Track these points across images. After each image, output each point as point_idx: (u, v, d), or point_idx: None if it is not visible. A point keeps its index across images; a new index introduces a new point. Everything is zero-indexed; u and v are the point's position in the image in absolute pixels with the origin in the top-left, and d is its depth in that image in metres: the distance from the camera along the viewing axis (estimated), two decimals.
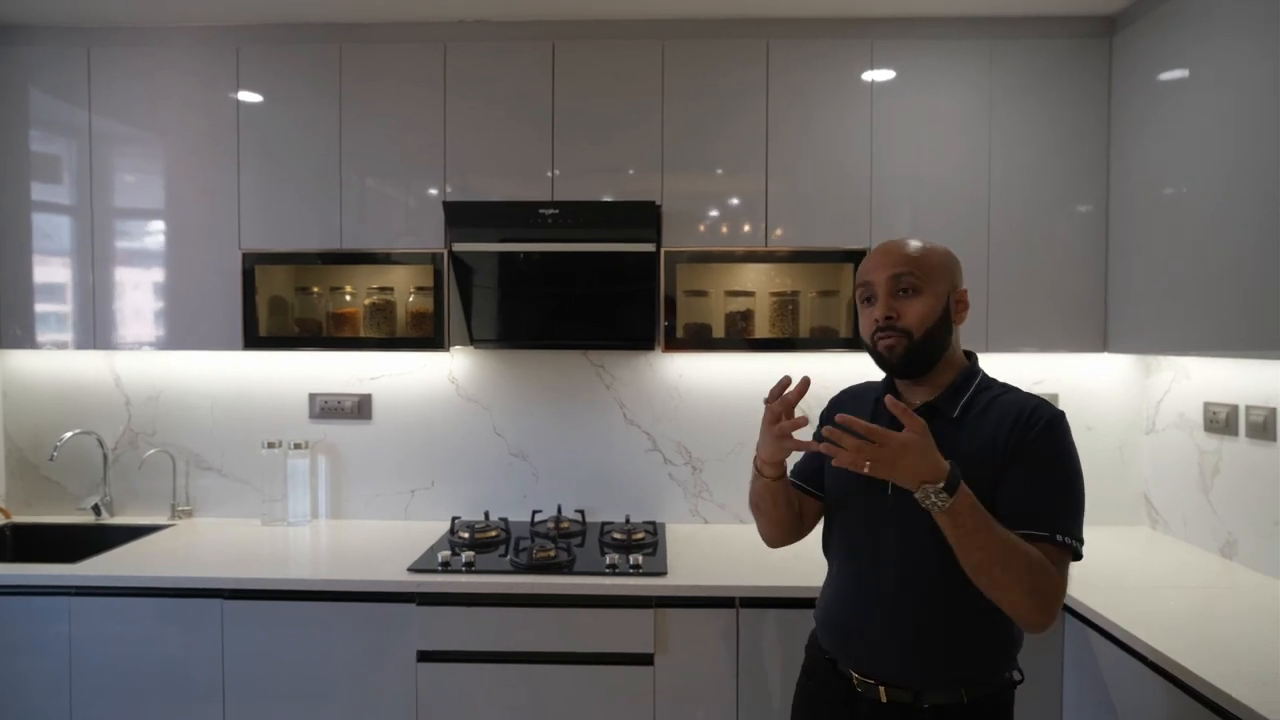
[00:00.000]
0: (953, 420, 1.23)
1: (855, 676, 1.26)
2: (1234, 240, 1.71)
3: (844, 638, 1.29)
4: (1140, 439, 2.39)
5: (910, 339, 1.22)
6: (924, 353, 1.23)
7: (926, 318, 1.22)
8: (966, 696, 1.20)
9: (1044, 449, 1.18)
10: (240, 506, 2.49)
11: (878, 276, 1.25)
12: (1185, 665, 1.38)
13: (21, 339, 2.26)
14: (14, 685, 1.96)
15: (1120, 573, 1.94)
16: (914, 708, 1.20)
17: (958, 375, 1.27)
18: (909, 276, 1.23)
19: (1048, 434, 1.18)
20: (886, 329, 1.23)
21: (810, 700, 1.38)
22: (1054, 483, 1.18)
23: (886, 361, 1.26)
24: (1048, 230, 2.15)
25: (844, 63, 2.15)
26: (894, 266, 1.24)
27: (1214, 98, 1.77)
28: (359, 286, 2.30)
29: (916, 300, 1.22)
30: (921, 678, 1.21)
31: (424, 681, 1.90)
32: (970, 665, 1.21)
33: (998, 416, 1.22)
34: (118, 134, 2.23)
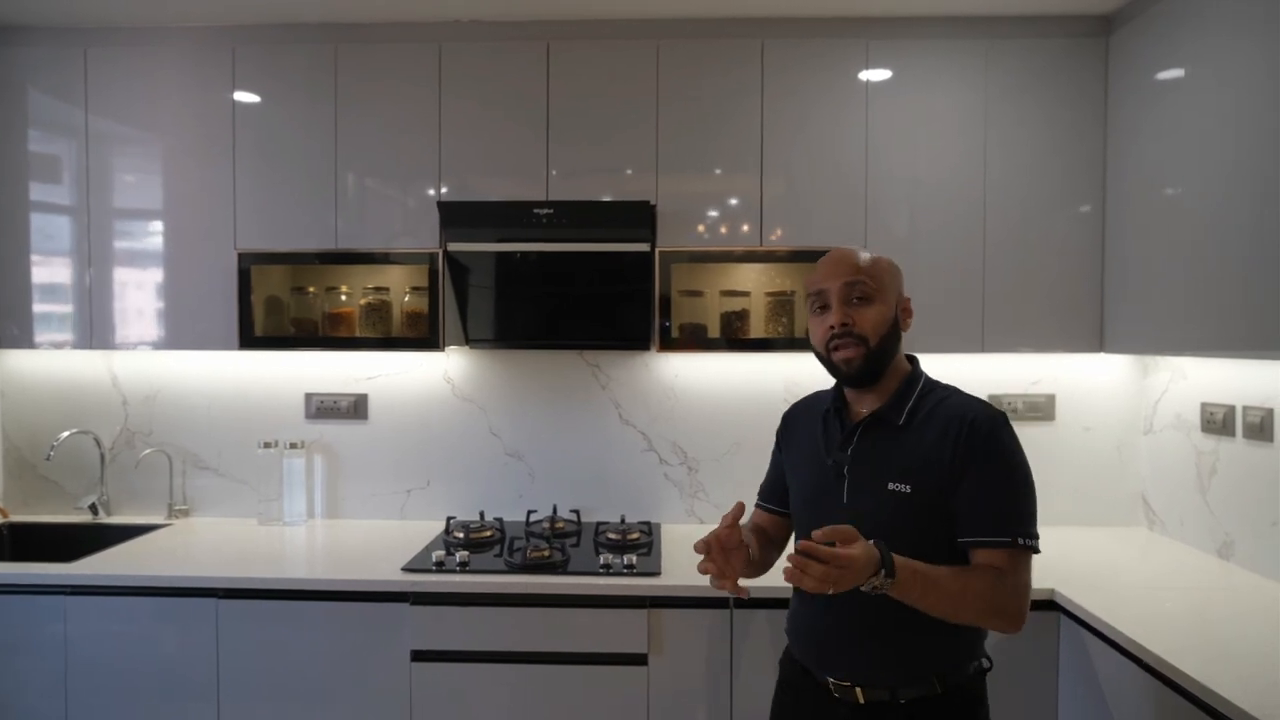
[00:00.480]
0: (899, 428, 1.25)
1: (832, 682, 1.27)
2: (1231, 240, 1.70)
3: (816, 646, 1.30)
4: (1138, 439, 2.38)
5: (867, 347, 1.23)
6: (878, 361, 1.25)
7: (881, 325, 1.24)
8: (940, 687, 1.22)
9: (993, 455, 1.20)
10: (237, 506, 2.49)
11: (832, 284, 1.26)
12: (1180, 668, 1.38)
13: (19, 338, 2.26)
14: (10, 684, 1.96)
15: (1116, 574, 1.94)
16: (891, 705, 1.23)
17: (901, 381, 1.29)
18: (862, 284, 1.24)
19: (994, 440, 1.21)
20: (843, 336, 1.24)
21: (788, 712, 1.39)
22: (1007, 488, 1.20)
23: (842, 373, 1.28)
24: (1044, 230, 2.15)
25: (839, 63, 2.15)
26: (848, 274, 1.25)
27: (1211, 97, 1.77)
28: (355, 286, 2.30)
29: (870, 308, 1.24)
30: (896, 675, 1.23)
31: (418, 681, 1.90)
32: (941, 657, 1.24)
33: (943, 423, 1.23)
34: (115, 134, 2.24)
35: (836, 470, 1.29)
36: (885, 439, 1.24)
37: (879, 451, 1.25)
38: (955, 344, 2.16)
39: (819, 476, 1.31)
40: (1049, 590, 1.81)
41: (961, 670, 1.25)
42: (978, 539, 1.18)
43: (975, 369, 2.39)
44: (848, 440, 1.28)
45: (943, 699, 1.22)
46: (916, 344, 2.12)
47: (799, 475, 1.38)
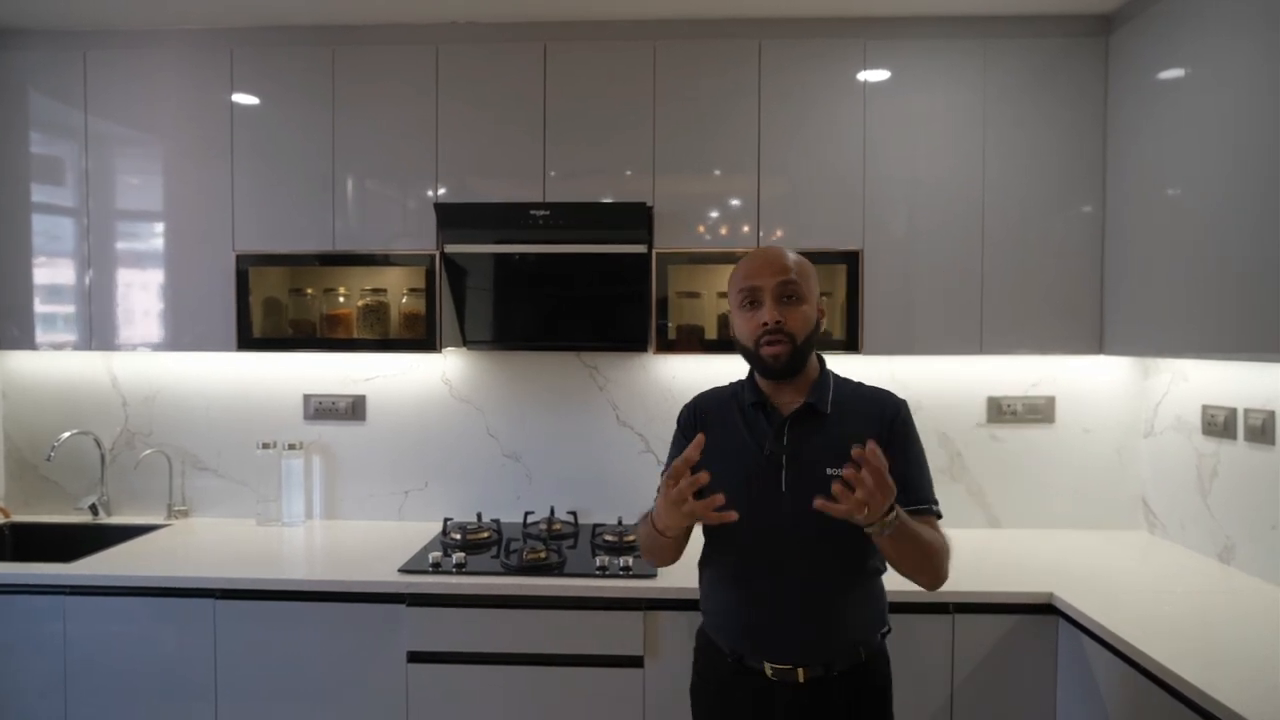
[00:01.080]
0: (826, 417, 1.35)
1: (770, 667, 1.33)
2: (1232, 241, 1.69)
3: (756, 635, 1.35)
4: (1138, 442, 2.36)
5: (794, 344, 1.31)
6: (802, 357, 1.34)
7: (807, 324, 1.33)
8: (864, 655, 1.35)
9: (909, 438, 1.37)
10: (236, 506, 2.50)
11: (766, 282, 1.32)
12: (1179, 673, 1.37)
13: (19, 339, 2.27)
14: (10, 684, 1.97)
15: (1116, 577, 1.92)
16: (827, 678, 1.32)
17: (818, 376, 1.39)
18: (794, 285, 1.31)
19: (908, 424, 1.38)
20: (775, 333, 1.30)
21: (715, 701, 1.42)
22: (917, 465, 1.37)
23: (768, 367, 1.33)
24: (1043, 231, 2.13)
25: (837, 63, 2.14)
26: (781, 274, 1.32)
27: (1211, 97, 1.75)
28: (352, 288, 2.30)
29: (800, 308, 1.32)
30: (831, 651, 1.33)
31: (414, 682, 1.90)
32: (863, 629, 1.36)
33: (864, 412, 1.37)
34: (114, 136, 2.25)
35: (774, 460, 1.34)
36: (816, 429, 1.34)
37: (813, 441, 1.33)
38: (953, 345, 2.15)
39: (752, 467, 1.35)
40: (1047, 594, 1.80)
41: (875, 640, 1.38)
42: (909, 508, 1.28)
43: (974, 371, 2.38)
44: (780, 431, 1.35)
45: (865, 665, 1.35)
46: (910, 345, 2.14)
47: (724, 466, 1.30)
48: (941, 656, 1.83)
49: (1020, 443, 2.39)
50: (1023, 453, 2.39)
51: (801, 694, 1.32)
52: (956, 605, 1.83)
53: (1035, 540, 2.26)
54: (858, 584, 1.35)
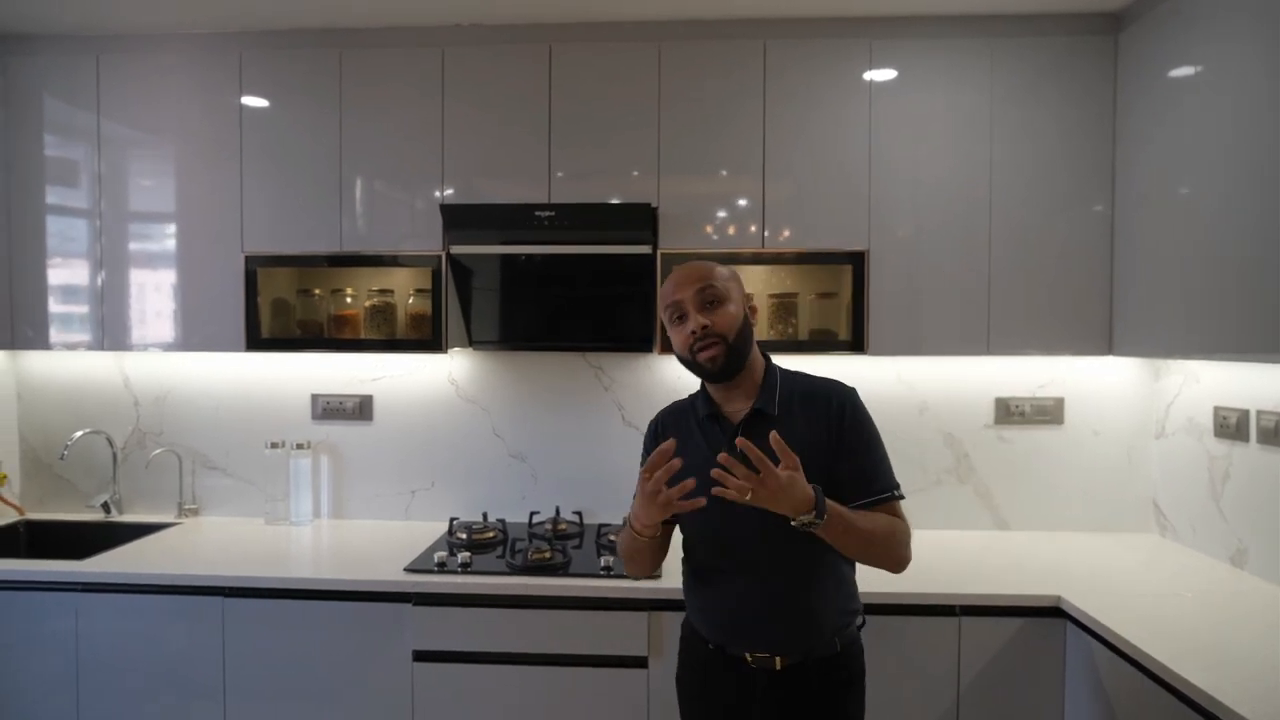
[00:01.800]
0: (774, 419, 1.37)
1: (749, 656, 1.38)
2: (1244, 240, 1.67)
3: (735, 626, 1.40)
4: (1149, 444, 2.34)
5: (726, 344, 1.35)
6: (737, 355, 1.37)
7: (734, 322, 1.37)
8: (839, 644, 1.39)
9: (859, 426, 1.39)
10: (245, 505, 2.52)
11: (685, 294, 1.37)
12: (1188, 678, 1.35)
13: (33, 340, 2.30)
14: (24, 679, 2.00)
15: (1125, 581, 1.90)
16: (804, 666, 1.37)
17: (764, 376, 1.43)
18: (711, 289, 1.36)
19: (855, 415, 1.39)
20: (704, 338, 1.35)
21: (701, 689, 1.47)
22: (875, 453, 1.39)
23: (708, 371, 1.38)
24: (1051, 231, 2.11)
25: (842, 63, 2.13)
26: (698, 282, 1.37)
27: (1223, 96, 1.73)
28: (360, 289, 2.32)
29: (723, 309, 1.36)
30: (807, 640, 1.38)
31: (419, 681, 1.91)
32: (838, 618, 1.40)
33: (810, 409, 1.39)
34: (125, 138, 2.28)
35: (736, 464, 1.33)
36: (766, 431, 1.29)
37: (764, 444, 1.29)
38: (960, 346, 2.13)
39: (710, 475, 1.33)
40: (1054, 596, 1.79)
41: (851, 629, 1.42)
42: (867, 499, 1.35)
43: (981, 371, 2.37)
44: (733, 438, 1.36)
45: (840, 654, 1.39)
46: (918, 346, 2.13)
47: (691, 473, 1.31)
48: (948, 659, 1.82)
49: (1028, 444, 2.37)
50: (1031, 454, 2.37)
51: (780, 680, 1.38)
52: (963, 608, 1.82)
53: (1043, 542, 2.24)
54: (825, 576, 1.39)
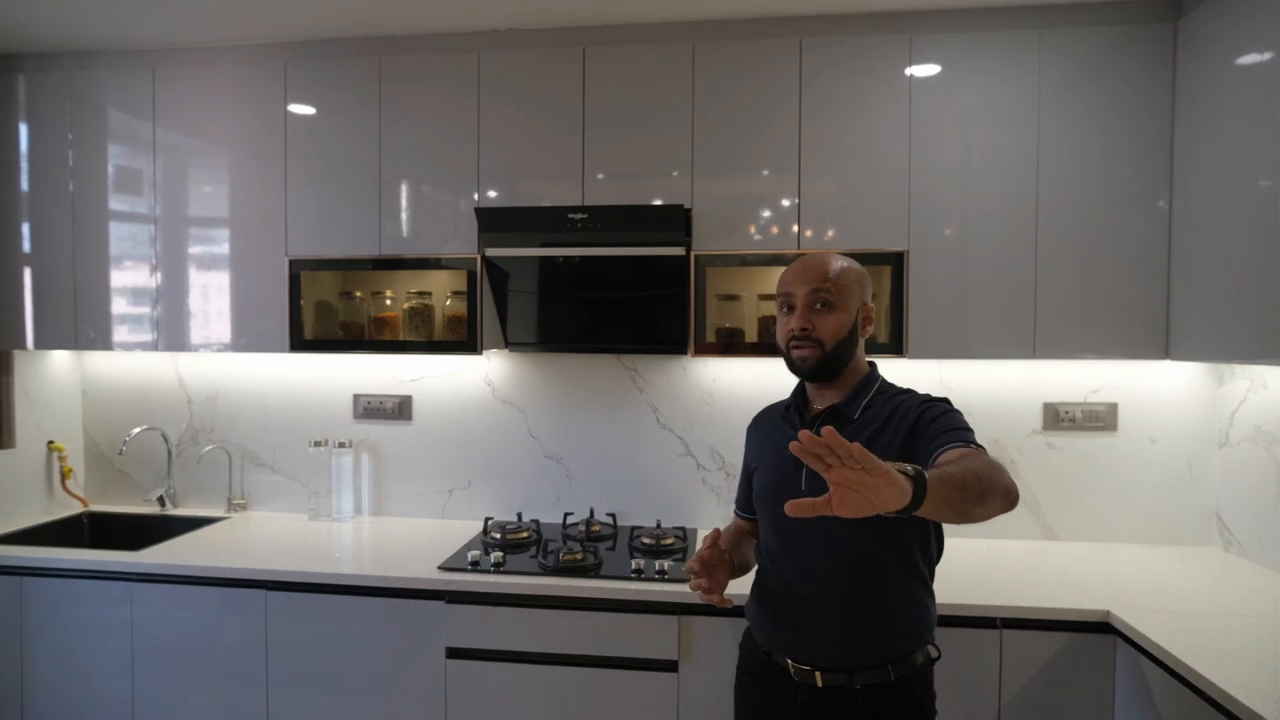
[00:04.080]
0: (853, 421, 1.36)
1: (792, 665, 1.35)
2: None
3: (779, 630, 1.38)
4: (1211, 453, 2.21)
5: (822, 350, 1.35)
6: (832, 362, 1.36)
7: (839, 331, 1.35)
8: (894, 674, 1.30)
9: (935, 411, 1.31)
10: (290, 502, 2.60)
11: (799, 290, 1.37)
12: (1252, 707, 1.26)
13: (95, 341, 2.42)
14: (86, 663, 2.11)
15: (1182, 596, 1.81)
16: (848, 689, 1.30)
17: (859, 381, 1.40)
18: (826, 293, 1.35)
19: (936, 403, 1.34)
20: (802, 338, 1.35)
21: (749, 694, 1.46)
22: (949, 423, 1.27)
23: (798, 369, 1.39)
24: (1102, 228, 2.02)
25: (880, 59, 2.08)
26: (814, 282, 1.35)
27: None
28: (399, 291, 2.37)
29: (831, 315, 1.35)
30: (853, 660, 1.31)
31: (453, 678, 1.94)
32: (895, 642, 1.32)
33: (892, 415, 1.35)
34: (179, 146, 2.37)
35: (796, 461, 1.23)
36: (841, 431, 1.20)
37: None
38: (1004, 350, 2.06)
39: (781, 466, 1.40)
40: (1103, 611, 1.71)
41: (912, 660, 1.32)
42: (938, 449, 1.22)
43: (1029, 375, 2.28)
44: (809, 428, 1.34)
45: (895, 686, 1.30)
46: (965, 349, 2.06)
47: (762, 470, 1.48)
48: (988, 674, 1.76)
49: (1079, 452, 2.27)
50: (1082, 462, 2.27)
51: (822, 699, 1.32)
52: (1004, 620, 1.75)
53: (1094, 554, 2.15)
54: (886, 594, 1.32)
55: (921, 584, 1.35)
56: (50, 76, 2.40)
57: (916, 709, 1.33)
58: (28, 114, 2.42)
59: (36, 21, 2.19)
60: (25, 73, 2.41)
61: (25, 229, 2.43)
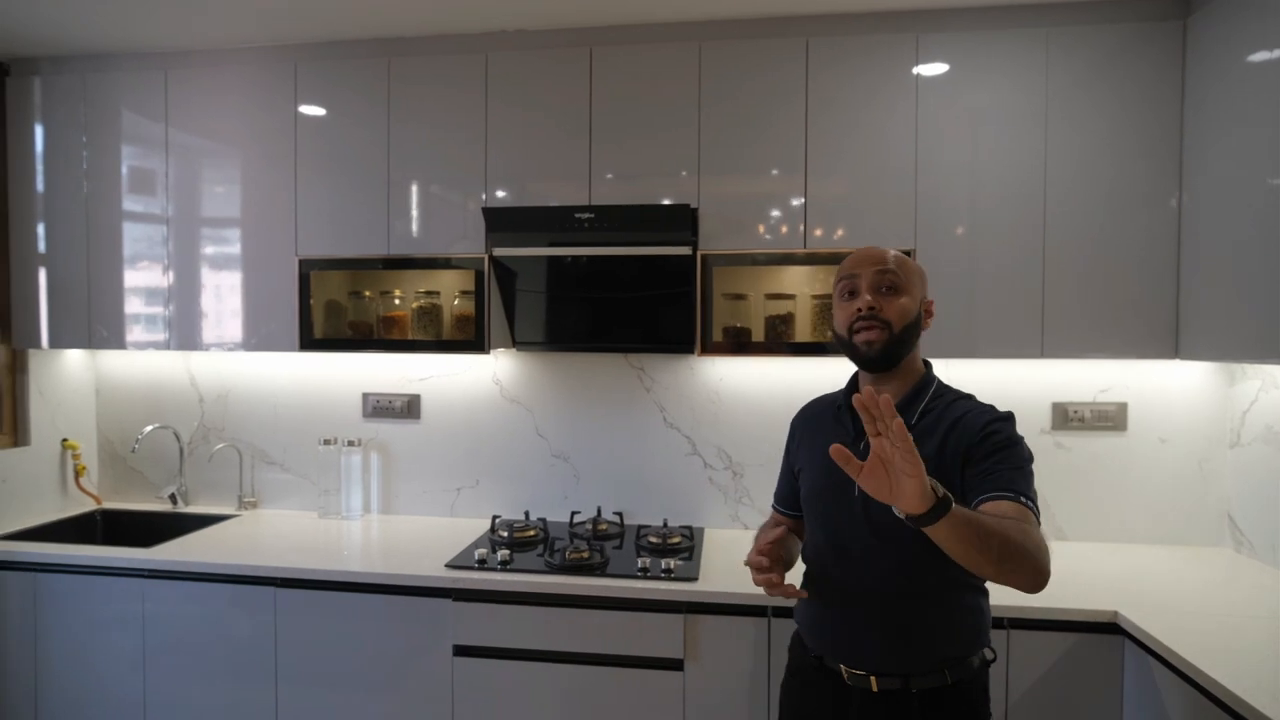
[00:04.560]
0: (911, 426, 1.29)
1: (845, 670, 1.31)
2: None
3: (832, 634, 1.34)
4: (1223, 453, 2.20)
5: (890, 332, 1.29)
6: (897, 347, 1.31)
7: (905, 315, 1.31)
8: (950, 678, 1.27)
9: (998, 437, 1.25)
10: (300, 500, 2.62)
11: (864, 271, 1.33)
12: (1258, 707, 1.26)
13: (108, 340, 2.45)
14: (99, 658, 2.13)
15: (1192, 598, 1.79)
16: (904, 694, 1.27)
17: (917, 380, 1.36)
18: (892, 275, 1.31)
19: (1002, 427, 1.26)
20: (869, 318, 1.29)
21: (798, 698, 1.43)
22: (1012, 463, 1.22)
23: (862, 355, 1.32)
24: (1110, 227, 2.01)
25: (887, 58, 2.07)
26: (879, 264, 1.32)
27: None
28: (407, 290, 2.38)
29: (898, 298, 1.31)
30: (909, 664, 1.27)
31: (459, 675, 1.95)
32: (951, 648, 1.28)
33: (954, 422, 1.29)
34: (191, 148, 2.39)
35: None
36: None
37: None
38: (1011, 349, 2.05)
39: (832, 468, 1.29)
40: (1111, 612, 1.70)
41: (969, 663, 1.29)
42: (987, 495, 1.18)
43: (1038, 375, 2.27)
44: (862, 433, 1.30)
45: (951, 690, 1.27)
46: (973, 349, 2.06)
47: (811, 470, 1.43)
48: (995, 675, 1.74)
49: (1089, 452, 2.26)
50: (1091, 462, 2.26)
51: (877, 704, 1.28)
52: (1011, 621, 1.74)
53: (1103, 555, 2.13)
54: (942, 596, 1.28)
55: (978, 588, 1.31)
56: (65, 79, 2.44)
57: (971, 712, 1.30)
58: (43, 116, 2.45)
59: (51, 24, 2.22)
60: (41, 75, 2.45)
61: (40, 229, 2.47)
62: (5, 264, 2.48)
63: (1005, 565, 1.08)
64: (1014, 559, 1.08)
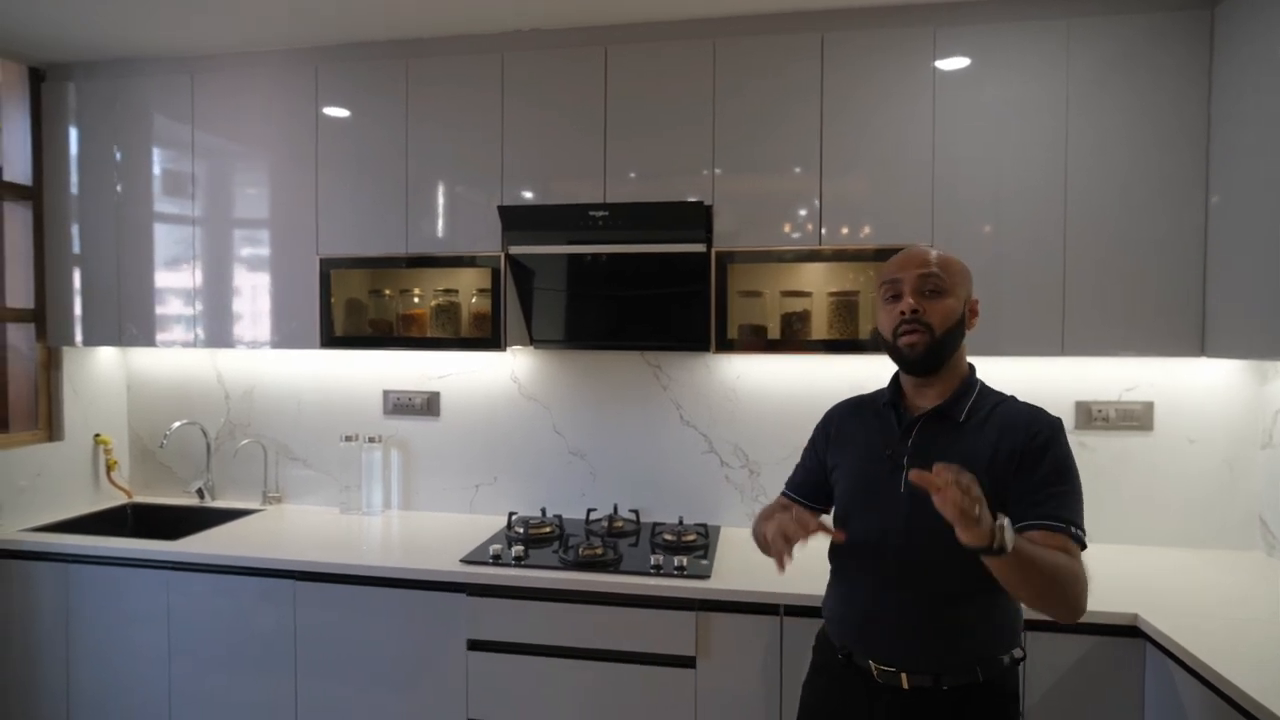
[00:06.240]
0: (959, 424, 1.32)
1: (875, 667, 1.31)
2: None
3: (863, 632, 1.34)
4: (1254, 454, 2.13)
5: (932, 335, 1.29)
6: (941, 350, 1.31)
7: (948, 318, 1.31)
8: (981, 675, 1.27)
9: (1052, 458, 1.26)
10: (323, 495, 2.67)
11: (907, 274, 1.32)
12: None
13: (138, 338, 2.51)
14: (126, 648, 2.19)
15: (1219, 602, 1.75)
16: (935, 691, 1.27)
17: (961, 382, 1.36)
18: (936, 278, 1.31)
19: (1055, 444, 1.28)
20: (911, 322, 1.29)
21: (824, 696, 1.42)
22: (1063, 484, 1.26)
23: (905, 358, 1.33)
24: (1134, 222, 1.96)
25: (904, 53, 2.05)
26: (923, 267, 1.32)
27: None
28: (426, 289, 2.41)
29: (941, 301, 1.31)
30: (940, 661, 1.28)
31: (474, 669, 1.97)
32: (983, 645, 1.29)
33: (1001, 424, 1.31)
34: (217, 149, 2.45)
35: (895, 460, 1.33)
36: (945, 434, 1.31)
37: (939, 445, 1.30)
38: (1031, 346, 2.01)
39: (875, 467, 1.36)
40: (1131, 614, 1.66)
41: (1000, 661, 1.29)
42: (1037, 522, 1.22)
43: (1061, 373, 2.23)
44: (907, 433, 1.34)
45: (982, 688, 1.27)
46: (994, 347, 2.02)
47: (850, 468, 1.42)
48: None
49: (1114, 452, 2.21)
50: (1116, 463, 2.21)
51: (906, 701, 1.29)
52: (1029, 622, 1.69)
53: (1128, 557, 2.09)
54: (978, 596, 1.27)
55: None
56: (98, 84, 2.51)
57: (1000, 710, 1.30)
58: (78, 119, 2.53)
59: (84, 31, 2.29)
60: (75, 80, 2.52)
61: (75, 230, 2.54)
62: (41, 264, 2.57)
63: (1047, 599, 1.17)
64: (1055, 595, 1.16)
